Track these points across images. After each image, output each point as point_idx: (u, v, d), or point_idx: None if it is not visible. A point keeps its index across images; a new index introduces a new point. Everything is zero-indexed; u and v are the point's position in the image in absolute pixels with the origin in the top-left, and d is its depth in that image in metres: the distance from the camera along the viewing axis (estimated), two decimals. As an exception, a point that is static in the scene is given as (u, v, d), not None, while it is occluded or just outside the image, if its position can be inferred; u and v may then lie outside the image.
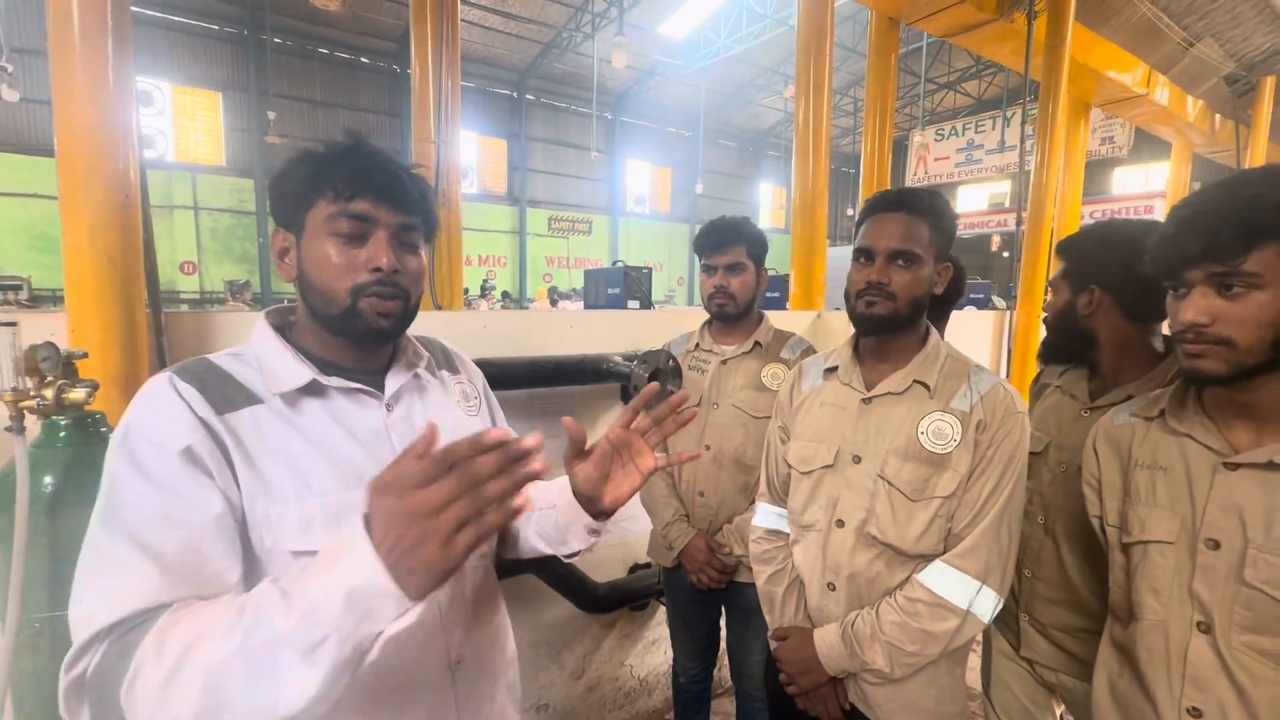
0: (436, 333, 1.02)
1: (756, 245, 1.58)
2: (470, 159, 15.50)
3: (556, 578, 1.84)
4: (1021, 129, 4.13)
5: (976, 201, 17.11)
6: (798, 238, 3.16)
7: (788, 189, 20.88)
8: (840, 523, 1.13)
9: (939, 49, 15.29)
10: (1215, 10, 5.20)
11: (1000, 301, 6.33)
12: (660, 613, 2.20)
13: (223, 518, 0.64)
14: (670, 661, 1.93)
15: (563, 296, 9.82)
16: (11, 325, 0.95)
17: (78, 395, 1.00)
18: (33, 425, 0.97)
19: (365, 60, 14.28)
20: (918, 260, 1.08)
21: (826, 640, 1.11)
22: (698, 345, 1.69)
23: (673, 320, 2.08)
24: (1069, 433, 1.23)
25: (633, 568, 2.11)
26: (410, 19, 3.48)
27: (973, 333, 3.48)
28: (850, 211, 20.09)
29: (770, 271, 1.73)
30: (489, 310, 6.83)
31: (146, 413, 0.66)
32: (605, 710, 2.17)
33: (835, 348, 1.27)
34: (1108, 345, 1.21)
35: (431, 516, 0.48)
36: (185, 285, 12.63)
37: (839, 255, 3.29)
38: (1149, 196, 12.63)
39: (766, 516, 1.31)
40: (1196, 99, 6.38)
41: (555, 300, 9.38)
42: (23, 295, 10.21)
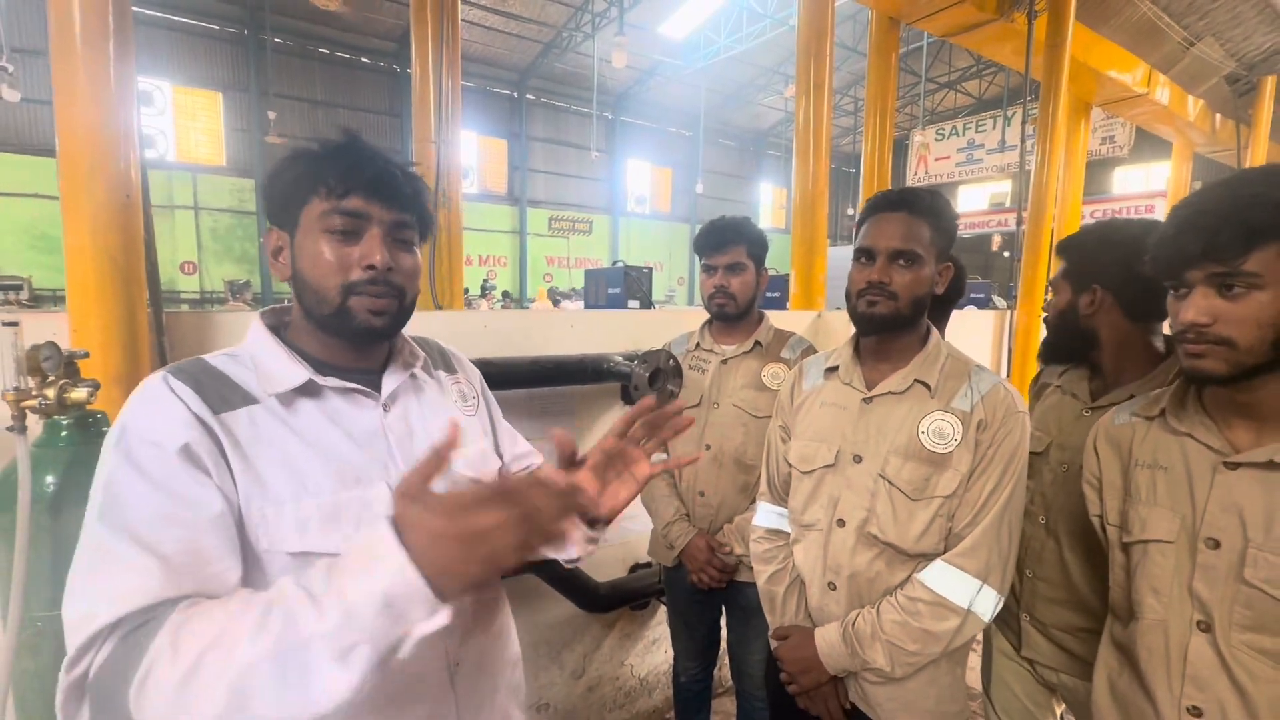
0: (437, 332, 1.02)
1: (757, 245, 1.59)
2: (470, 159, 15.49)
3: (557, 577, 1.84)
4: (1022, 128, 4.13)
5: (977, 201, 17.11)
6: (798, 237, 3.16)
7: (788, 189, 20.87)
8: (841, 522, 1.13)
9: (939, 48, 15.28)
10: (1215, 10, 5.20)
11: (1001, 301, 6.33)
12: (661, 612, 2.20)
13: (222, 517, 0.63)
14: (671, 661, 1.93)
15: (563, 296, 9.80)
16: (13, 325, 0.95)
17: (79, 395, 1.01)
18: (34, 425, 0.97)
19: (365, 60, 14.28)
20: (919, 260, 1.08)
21: (827, 639, 1.12)
22: (698, 345, 1.69)
23: (673, 320, 2.09)
24: (1070, 432, 1.23)
25: (633, 567, 2.12)
26: (410, 19, 3.48)
27: (973, 332, 3.48)
28: (851, 211, 20.08)
29: (770, 271, 1.73)
30: (489, 310, 6.83)
31: (142, 412, 0.65)
32: (606, 710, 2.17)
33: (836, 347, 1.27)
34: (1109, 345, 1.21)
35: (480, 541, 0.50)
36: (186, 285, 12.64)
37: (839, 255, 3.29)
38: (1150, 196, 12.64)
39: (767, 516, 1.31)
40: (1197, 98, 6.38)
41: (557, 300, 9.36)
42: (23, 295, 10.22)
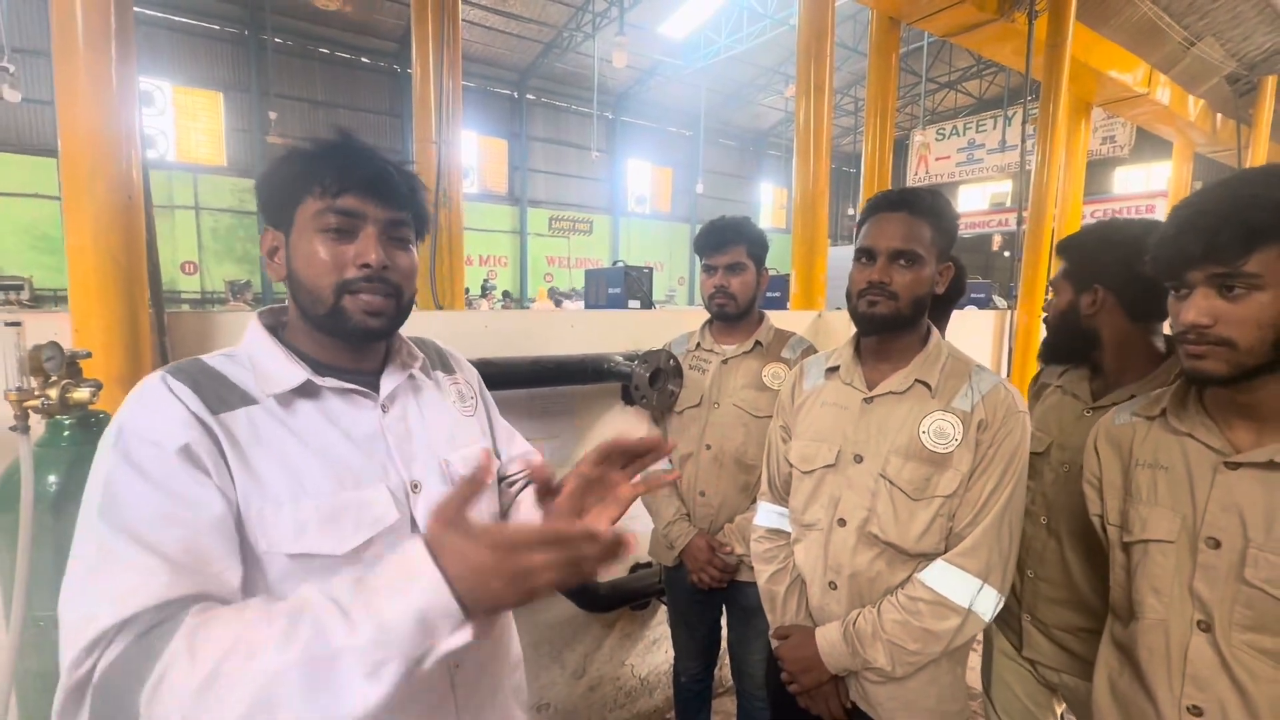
0: (437, 332, 1.02)
1: (757, 245, 1.59)
2: (471, 159, 15.49)
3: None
4: (1022, 128, 4.13)
5: (977, 201, 17.10)
6: (798, 237, 3.15)
7: (788, 189, 20.87)
8: (842, 522, 1.13)
9: (940, 48, 15.27)
10: (1216, 10, 5.20)
11: (1001, 301, 6.32)
12: (661, 612, 2.21)
13: (222, 518, 0.62)
14: (671, 661, 1.93)
15: (564, 296, 9.80)
16: (16, 325, 0.95)
17: (81, 395, 1.01)
18: (37, 425, 0.97)
19: (366, 60, 14.28)
20: (919, 260, 1.08)
21: (828, 639, 1.12)
22: (698, 345, 1.69)
23: (673, 320, 2.08)
24: (1071, 433, 1.23)
25: (634, 567, 2.12)
26: (411, 19, 3.48)
27: (973, 332, 3.48)
28: (851, 211, 20.08)
29: (771, 271, 1.73)
30: (490, 310, 6.83)
31: (141, 412, 0.64)
32: (606, 710, 2.17)
33: (836, 347, 1.27)
34: (1110, 345, 1.21)
35: (524, 579, 0.52)
36: (186, 285, 12.65)
37: (840, 255, 3.29)
38: (1150, 196, 12.63)
39: (768, 515, 1.31)
40: (1198, 98, 6.37)
41: (558, 300, 9.35)
42: (24, 295, 10.23)
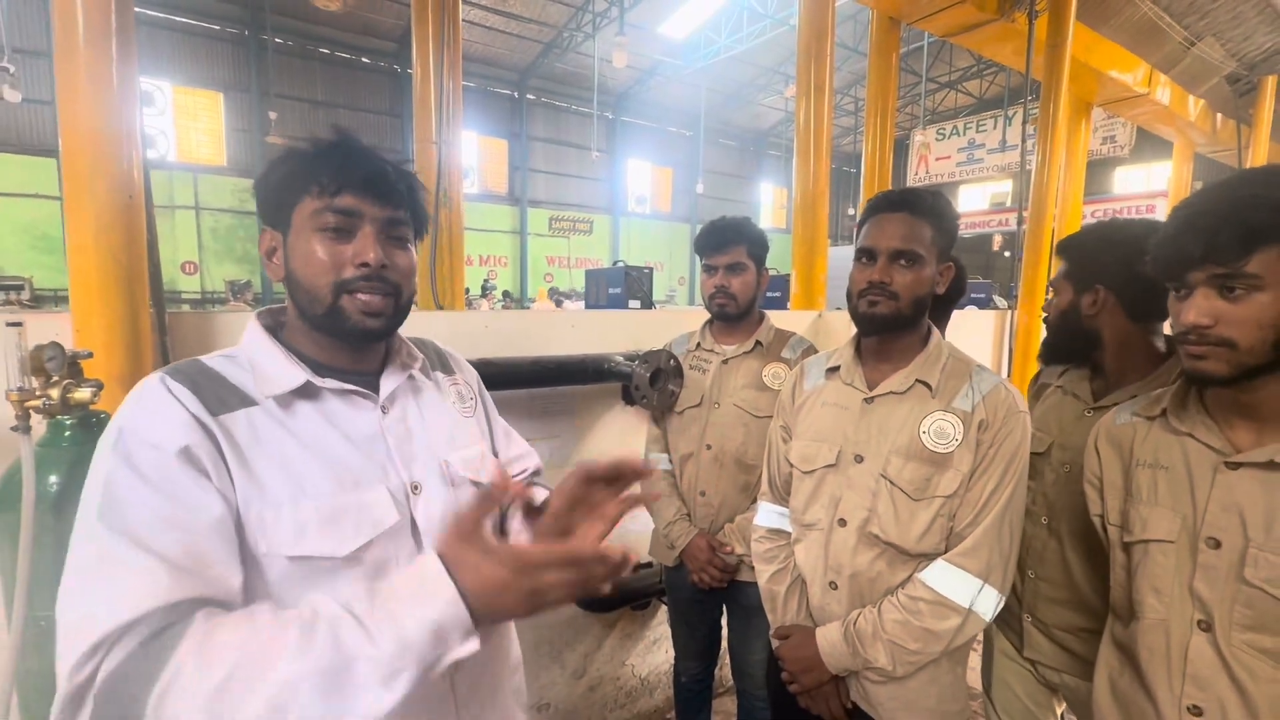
0: (438, 333, 1.02)
1: (757, 245, 1.59)
2: (471, 159, 15.50)
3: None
4: (1023, 128, 4.13)
5: (978, 201, 17.09)
6: (799, 237, 3.15)
7: (788, 189, 20.86)
8: (842, 522, 1.13)
9: (940, 48, 15.27)
10: (1216, 10, 5.20)
11: (1001, 301, 6.33)
12: (662, 612, 2.21)
13: (222, 520, 0.62)
14: (671, 661, 1.93)
15: (564, 296, 9.80)
16: (17, 325, 0.95)
17: (83, 395, 1.01)
18: (38, 425, 0.97)
19: (366, 60, 14.28)
20: (920, 260, 1.08)
21: (829, 639, 1.12)
22: (699, 345, 1.69)
23: (674, 320, 2.08)
24: (1071, 433, 1.23)
25: (634, 567, 2.12)
26: (411, 19, 3.49)
27: (974, 332, 3.48)
28: (851, 211, 20.08)
29: (771, 271, 1.73)
30: (490, 310, 6.83)
31: (140, 413, 0.64)
32: (607, 709, 2.17)
33: (837, 347, 1.27)
34: (1111, 345, 1.21)
35: (538, 596, 0.56)
36: (186, 285, 12.65)
37: (840, 255, 3.29)
38: (1151, 196, 12.62)
39: (768, 515, 1.31)
40: (1198, 98, 6.37)
41: (559, 300, 9.36)
42: (24, 295, 10.23)
